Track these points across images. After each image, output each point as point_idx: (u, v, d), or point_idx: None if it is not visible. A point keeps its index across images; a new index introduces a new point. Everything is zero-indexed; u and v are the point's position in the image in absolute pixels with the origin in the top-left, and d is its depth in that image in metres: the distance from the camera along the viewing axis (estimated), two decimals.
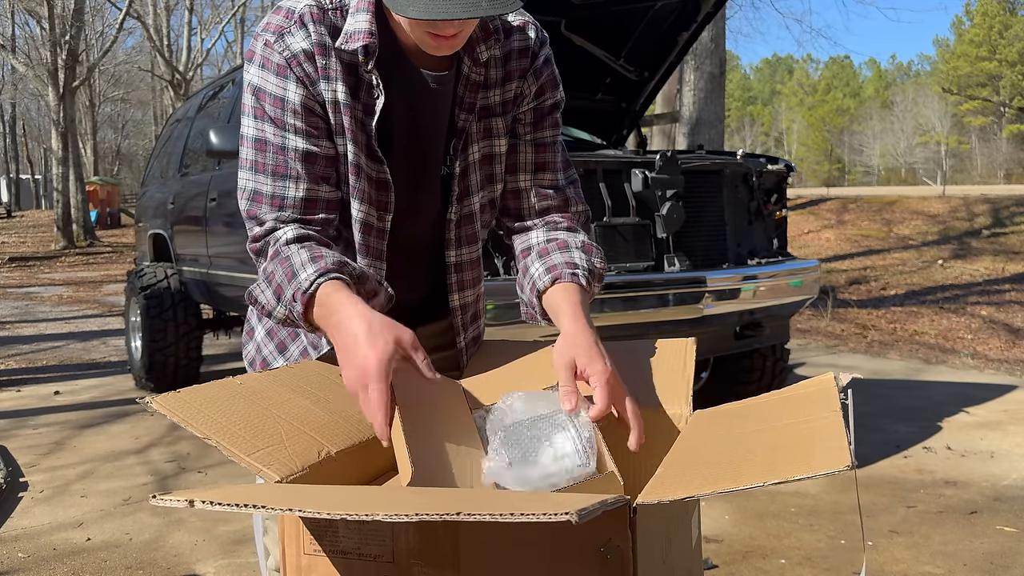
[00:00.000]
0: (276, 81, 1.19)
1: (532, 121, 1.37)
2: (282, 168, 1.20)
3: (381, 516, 0.70)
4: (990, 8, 57.28)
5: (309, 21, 1.19)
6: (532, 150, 1.37)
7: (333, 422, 1.10)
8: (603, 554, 0.83)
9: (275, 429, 1.02)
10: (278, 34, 1.20)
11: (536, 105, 1.36)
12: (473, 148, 1.32)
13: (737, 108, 78.57)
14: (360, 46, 1.19)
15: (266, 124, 1.20)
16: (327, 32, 1.20)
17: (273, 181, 1.21)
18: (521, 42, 1.33)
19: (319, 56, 1.19)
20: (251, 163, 1.22)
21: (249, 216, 1.22)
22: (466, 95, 1.29)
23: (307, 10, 1.20)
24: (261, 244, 1.21)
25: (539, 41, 1.35)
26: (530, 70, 1.34)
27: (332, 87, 1.21)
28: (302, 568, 0.94)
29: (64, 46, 19.83)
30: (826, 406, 0.99)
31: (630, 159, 3.70)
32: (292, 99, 1.19)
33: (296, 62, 1.19)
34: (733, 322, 3.81)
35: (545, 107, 1.37)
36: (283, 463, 0.97)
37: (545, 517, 0.66)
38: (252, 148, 1.22)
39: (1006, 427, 4.34)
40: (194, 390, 1.04)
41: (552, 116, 1.39)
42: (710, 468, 0.93)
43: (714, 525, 3.07)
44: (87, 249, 19.97)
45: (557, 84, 1.39)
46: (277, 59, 1.19)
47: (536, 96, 1.36)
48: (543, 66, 1.36)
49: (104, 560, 2.87)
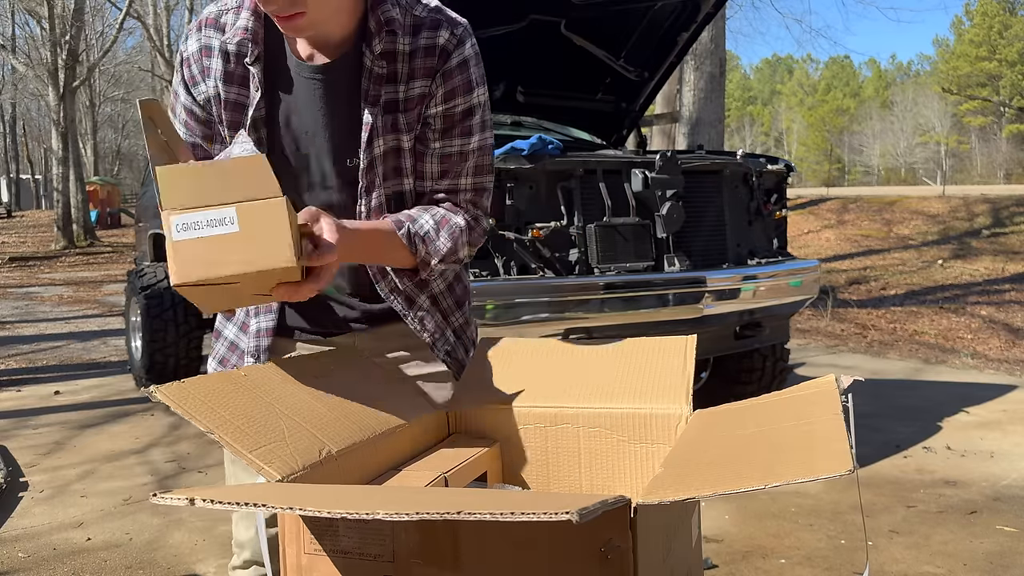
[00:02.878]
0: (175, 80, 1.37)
1: (441, 128, 1.33)
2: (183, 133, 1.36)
3: (382, 515, 0.70)
4: (990, 8, 57.28)
5: (204, 26, 1.32)
6: (438, 161, 1.34)
7: (335, 419, 1.10)
8: (603, 554, 0.83)
9: (277, 425, 1.02)
10: (185, 37, 1.35)
11: (445, 111, 1.32)
12: (378, 142, 1.30)
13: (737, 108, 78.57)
14: (235, 42, 1.28)
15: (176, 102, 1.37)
16: (215, 34, 1.31)
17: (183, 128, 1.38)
18: (429, 40, 1.29)
19: (204, 58, 1.31)
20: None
21: None
22: (371, 88, 1.29)
23: (206, 15, 1.32)
24: None
25: (453, 42, 1.30)
26: (439, 71, 1.29)
27: (213, 84, 1.31)
28: (302, 568, 0.94)
29: (64, 46, 19.83)
30: (827, 408, 0.99)
31: (630, 159, 3.71)
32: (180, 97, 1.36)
33: (187, 63, 1.34)
34: (733, 322, 3.81)
35: (456, 114, 1.32)
36: (284, 461, 0.97)
37: (546, 517, 0.67)
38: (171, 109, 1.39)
39: (1006, 427, 4.34)
40: (198, 381, 1.04)
41: (465, 124, 1.33)
42: (711, 469, 0.93)
43: (714, 525, 3.08)
44: (87, 249, 19.97)
45: (472, 88, 1.32)
46: (177, 60, 1.36)
47: (445, 100, 1.31)
48: (456, 69, 1.30)
49: (104, 560, 2.87)
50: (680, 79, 8.38)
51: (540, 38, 4.15)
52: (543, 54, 4.26)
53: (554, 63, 4.33)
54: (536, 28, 4.08)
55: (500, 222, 3.26)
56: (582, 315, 3.31)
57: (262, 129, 1.31)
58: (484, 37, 4.58)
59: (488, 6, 3.91)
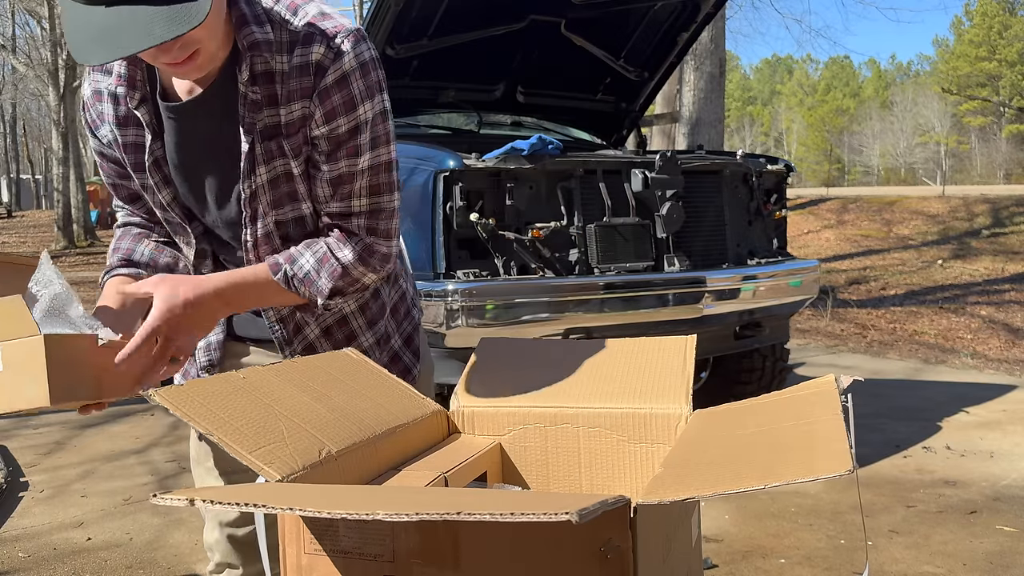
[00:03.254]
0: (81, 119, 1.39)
1: (327, 150, 1.24)
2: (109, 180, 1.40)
3: (382, 515, 0.70)
4: (990, 8, 57.29)
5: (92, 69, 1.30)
6: (328, 184, 1.27)
7: (334, 420, 1.10)
8: (603, 554, 0.83)
9: (277, 426, 1.02)
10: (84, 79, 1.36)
11: (329, 132, 1.22)
12: (260, 170, 1.25)
13: (737, 108, 78.58)
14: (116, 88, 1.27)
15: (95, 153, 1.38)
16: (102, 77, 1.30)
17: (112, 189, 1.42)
18: (302, 57, 1.20)
19: (97, 103, 1.31)
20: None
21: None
22: (246, 115, 1.22)
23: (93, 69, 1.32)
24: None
25: (329, 56, 1.19)
26: (315, 91, 1.20)
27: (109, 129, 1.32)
28: (302, 568, 0.94)
29: (64, 46, 19.82)
30: (827, 408, 0.99)
31: (630, 159, 3.71)
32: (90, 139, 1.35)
33: (85, 108, 1.34)
34: (733, 322, 3.81)
35: (340, 134, 1.23)
36: (284, 462, 0.97)
37: (545, 517, 0.67)
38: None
39: (1006, 427, 4.34)
40: (197, 383, 1.04)
41: (351, 143, 1.23)
42: (711, 469, 0.93)
43: (714, 525, 3.08)
44: (88, 249, 19.96)
45: (354, 105, 1.21)
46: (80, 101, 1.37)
47: (326, 121, 1.22)
48: (333, 87, 1.20)
49: (104, 560, 2.87)
50: (680, 79, 8.38)
51: (540, 38, 4.15)
52: (543, 54, 4.27)
53: (554, 63, 4.33)
54: (536, 28, 4.08)
55: (500, 222, 3.26)
56: (582, 315, 3.31)
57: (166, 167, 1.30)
58: (484, 37, 4.59)
59: (488, 6, 3.91)
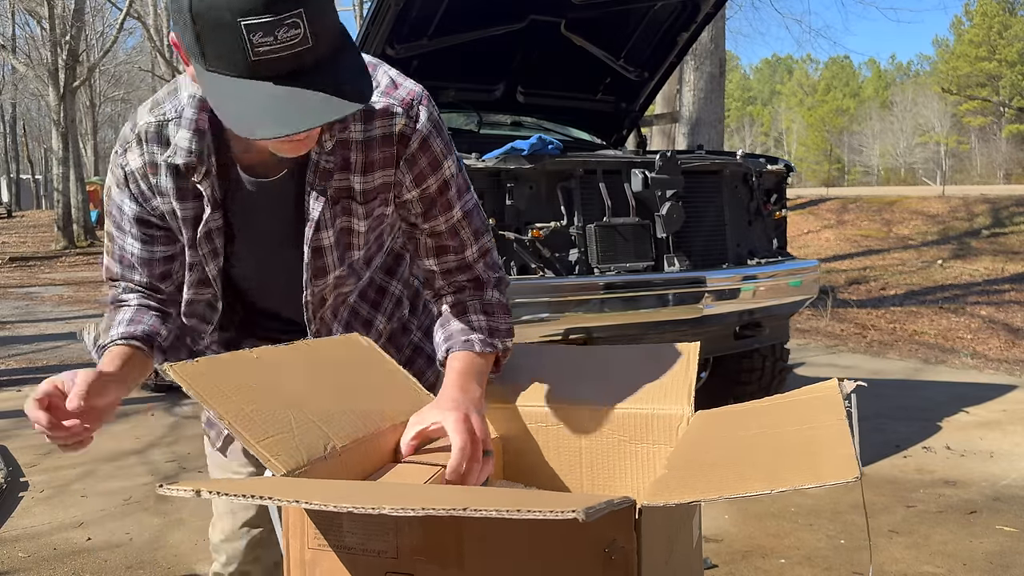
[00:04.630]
0: (117, 192, 1.29)
1: (422, 211, 1.31)
2: (127, 260, 1.33)
3: (388, 510, 0.70)
4: (990, 8, 57.29)
5: (144, 140, 1.25)
6: (431, 239, 1.33)
7: (340, 412, 1.10)
8: (607, 554, 0.84)
9: (285, 415, 1.02)
10: (123, 148, 1.27)
11: (421, 194, 1.29)
12: (327, 232, 1.28)
13: (737, 108, 78.57)
14: (181, 164, 1.23)
15: (111, 223, 1.32)
16: (159, 149, 1.25)
17: (121, 267, 1.34)
18: (384, 129, 1.24)
19: (151, 175, 1.26)
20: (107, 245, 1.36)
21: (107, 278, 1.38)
22: (316, 182, 1.25)
23: (144, 128, 1.25)
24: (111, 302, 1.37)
25: (411, 125, 1.25)
26: (402, 158, 1.26)
27: (165, 200, 1.27)
28: (306, 562, 0.94)
29: (64, 46, 19.82)
30: (831, 413, 0.99)
31: (630, 159, 3.71)
32: (127, 211, 1.29)
33: (133, 179, 1.27)
34: (733, 322, 3.81)
35: (430, 193, 1.30)
36: (290, 454, 0.97)
37: (551, 515, 0.67)
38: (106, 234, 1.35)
39: (1005, 427, 4.34)
40: (210, 361, 1.04)
41: (444, 198, 1.31)
42: (715, 471, 0.93)
43: (714, 525, 3.08)
44: (87, 249, 19.95)
45: (439, 164, 1.28)
46: (118, 172, 1.28)
47: (416, 184, 1.28)
48: (417, 152, 1.26)
49: (105, 560, 2.87)
50: (680, 79, 8.38)
51: (540, 38, 4.15)
52: (543, 54, 4.27)
53: (554, 63, 4.33)
54: (536, 28, 4.08)
55: (500, 222, 3.26)
56: (582, 315, 3.31)
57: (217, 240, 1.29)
58: (484, 37, 4.59)
59: (488, 6, 3.91)
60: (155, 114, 1.25)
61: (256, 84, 0.99)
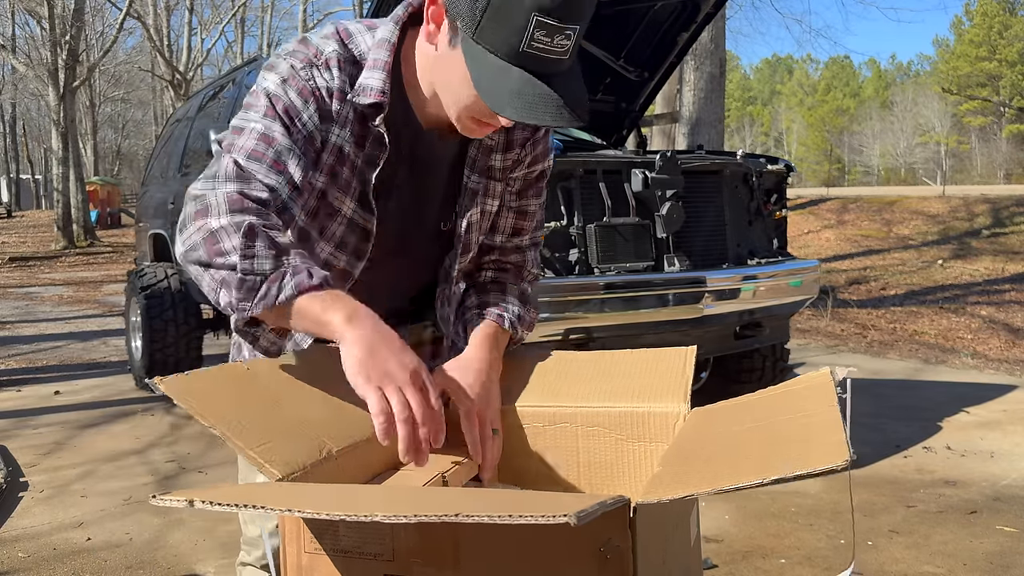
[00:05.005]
0: (296, 99, 1.18)
1: (519, 189, 1.40)
2: (280, 166, 1.15)
3: (380, 517, 0.70)
4: (990, 8, 57.28)
5: (335, 66, 1.20)
6: (514, 216, 1.42)
7: (336, 418, 1.10)
8: (603, 554, 0.83)
9: (278, 422, 1.02)
10: (307, 64, 1.19)
11: (526, 173, 1.39)
12: (476, 208, 1.35)
13: (737, 108, 78.58)
14: (371, 103, 1.20)
15: (276, 124, 1.17)
16: (347, 80, 1.20)
17: (267, 171, 1.14)
18: None
19: (337, 101, 1.20)
20: (248, 151, 1.14)
21: (254, 189, 1.13)
22: (479, 157, 1.33)
23: (334, 55, 1.20)
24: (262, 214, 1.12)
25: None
26: (531, 140, 1.36)
27: (341, 133, 1.22)
28: (303, 567, 0.94)
29: (64, 46, 19.84)
30: (823, 401, 0.99)
31: (630, 159, 3.71)
32: (305, 120, 1.18)
33: (319, 95, 1.19)
34: (733, 322, 3.81)
35: (533, 176, 1.40)
36: (285, 460, 0.97)
37: (543, 519, 0.67)
38: (252, 138, 1.15)
39: (1006, 427, 4.34)
40: (201, 374, 1.03)
41: (538, 185, 1.42)
42: (709, 466, 0.93)
43: (714, 525, 3.08)
44: (87, 249, 19.97)
45: (547, 154, 1.41)
46: (302, 84, 1.18)
47: (529, 165, 1.38)
48: (542, 137, 1.38)
49: (104, 560, 2.87)
50: (680, 79, 8.38)
51: None
52: None
53: None
54: None
55: None
56: (582, 315, 3.31)
57: (368, 195, 1.26)
58: None
59: None
60: (346, 46, 1.22)
61: (514, 69, 1.06)
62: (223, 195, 1.10)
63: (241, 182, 1.12)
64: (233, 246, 1.05)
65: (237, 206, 1.09)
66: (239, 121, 1.19)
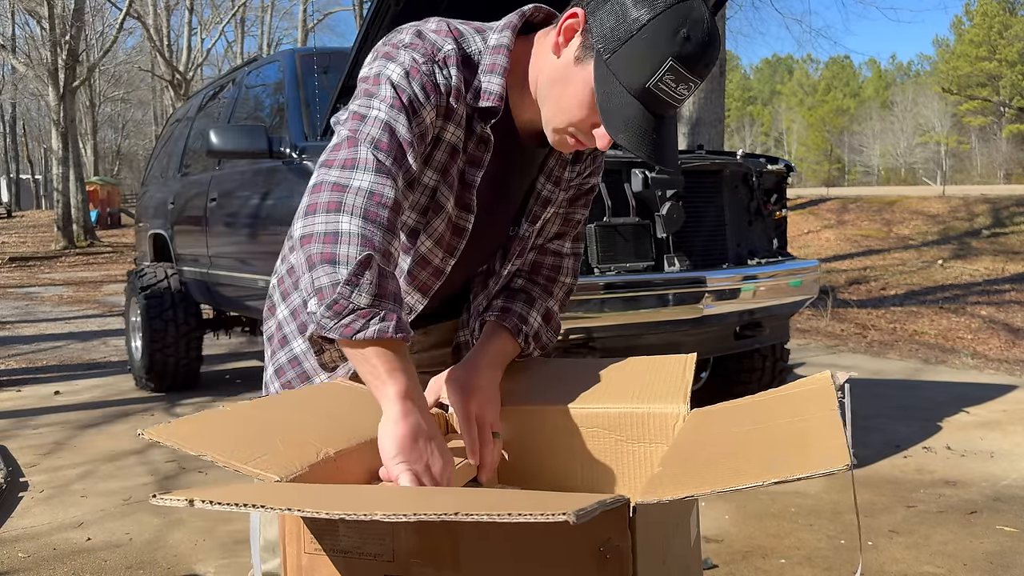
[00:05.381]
0: (419, 91, 1.17)
1: (571, 197, 1.46)
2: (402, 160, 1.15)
3: (379, 516, 0.70)
4: (990, 8, 57.28)
5: (454, 64, 1.21)
6: (560, 221, 1.47)
7: (331, 428, 1.10)
8: (602, 554, 0.83)
9: (271, 442, 1.02)
10: (428, 59, 1.19)
11: (580, 183, 1.45)
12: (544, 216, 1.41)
13: (737, 108, 78.57)
14: (490, 106, 1.23)
15: (401, 116, 1.15)
16: (463, 80, 1.22)
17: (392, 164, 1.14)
18: None
19: (454, 99, 1.21)
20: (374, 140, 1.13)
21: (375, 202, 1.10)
22: (555, 168, 1.38)
23: (453, 53, 1.21)
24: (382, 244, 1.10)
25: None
26: (591, 154, 1.43)
27: (454, 132, 1.24)
28: (303, 568, 0.94)
29: (64, 46, 19.83)
30: (823, 404, 0.99)
31: (630, 159, 3.70)
32: (423, 116, 1.18)
33: (439, 92, 1.19)
34: (733, 322, 3.81)
35: (585, 188, 1.46)
36: (282, 465, 0.97)
37: (543, 517, 0.67)
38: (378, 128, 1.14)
39: (1006, 427, 4.34)
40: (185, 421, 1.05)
41: (588, 197, 1.48)
42: (708, 467, 0.93)
43: (714, 525, 3.08)
44: (87, 249, 19.97)
45: (601, 170, 1.48)
46: (425, 79, 1.18)
47: (586, 177, 1.45)
48: (601, 154, 1.44)
49: (104, 560, 2.87)
50: None
51: None
52: None
53: None
54: None
55: None
56: (582, 315, 3.30)
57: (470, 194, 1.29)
58: None
59: (488, 7, 3.91)
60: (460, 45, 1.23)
61: (634, 101, 1.12)
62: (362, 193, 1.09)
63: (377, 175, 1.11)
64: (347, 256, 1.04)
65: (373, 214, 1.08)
66: (361, 107, 1.17)
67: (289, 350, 1.40)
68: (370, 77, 1.19)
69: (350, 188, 1.08)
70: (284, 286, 1.42)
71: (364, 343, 1.04)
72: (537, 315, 1.42)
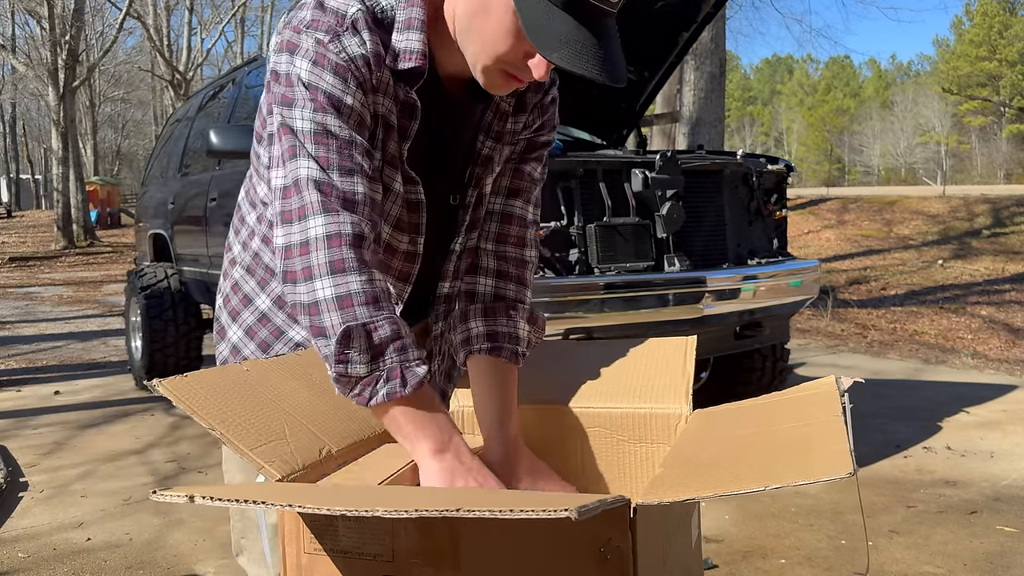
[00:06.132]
0: (333, 80, 1.07)
1: (522, 150, 1.32)
2: (348, 163, 1.08)
3: (381, 512, 0.70)
4: (990, 8, 57.30)
5: (363, 28, 1.09)
6: (512, 174, 1.32)
7: (335, 418, 1.10)
8: (603, 554, 0.83)
9: (278, 423, 1.02)
10: (333, 34, 1.07)
11: (532, 136, 1.32)
12: (488, 178, 1.28)
13: (737, 108, 78.57)
14: (413, 66, 1.12)
15: (328, 116, 1.07)
16: (379, 42, 1.10)
17: (340, 177, 1.07)
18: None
19: (374, 66, 1.10)
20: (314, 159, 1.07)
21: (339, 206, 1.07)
22: (494, 123, 1.25)
23: (359, 15, 1.09)
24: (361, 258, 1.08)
25: (551, 79, 1.32)
26: (538, 104, 1.31)
27: (384, 102, 1.13)
28: (302, 567, 0.94)
29: (64, 46, 19.83)
30: (827, 410, 0.99)
31: (630, 159, 3.70)
32: (350, 103, 1.08)
33: (355, 66, 1.08)
34: (733, 322, 3.81)
35: (538, 141, 1.33)
36: (284, 460, 0.97)
37: (544, 514, 0.67)
38: (311, 141, 1.07)
39: (1006, 427, 4.34)
40: (201, 375, 1.03)
41: (540, 152, 1.34)
42: (710, 469, 0.93)
43: (714, 525, 3.08)
44: (87, 249, 19.97)
45: (555, 126, 1.36)
46: (334, 59, 1.07)
47: (536, 130, 1.32)
48: (550, 104, 1.33)
49: (104, 560, 2.87)
50: (680, 79, 8.37)
51: None
52: None
53: None
54: None
55: None
56: (582, 315, 3.30)
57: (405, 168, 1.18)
58: None
59: None
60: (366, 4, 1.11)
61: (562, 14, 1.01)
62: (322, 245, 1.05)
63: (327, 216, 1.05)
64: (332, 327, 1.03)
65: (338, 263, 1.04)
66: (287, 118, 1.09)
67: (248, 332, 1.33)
68: (280, 76, 1.10)
69: (311, 243, 1.05)
70: (231, 305, 1.33)
71: (383, 406, 1.05)
72: (523, 323, 1.30)
